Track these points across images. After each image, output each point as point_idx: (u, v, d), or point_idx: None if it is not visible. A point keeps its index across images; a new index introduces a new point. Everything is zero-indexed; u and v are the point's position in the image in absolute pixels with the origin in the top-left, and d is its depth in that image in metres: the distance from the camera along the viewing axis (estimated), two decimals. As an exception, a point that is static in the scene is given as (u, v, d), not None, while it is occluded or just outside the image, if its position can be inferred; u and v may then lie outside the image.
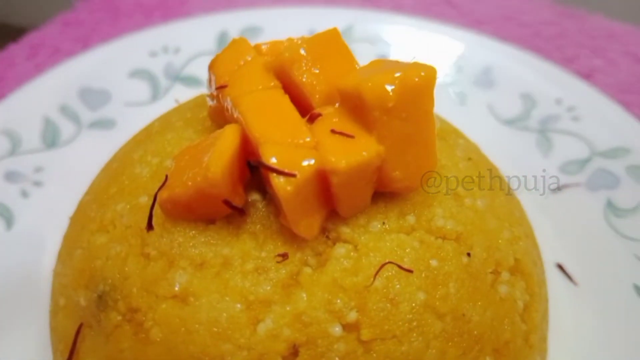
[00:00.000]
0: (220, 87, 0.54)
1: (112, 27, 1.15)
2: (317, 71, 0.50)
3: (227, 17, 1.05)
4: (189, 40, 1.01)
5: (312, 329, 0.45)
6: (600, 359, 0.63)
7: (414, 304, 0.47)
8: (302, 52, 0.50)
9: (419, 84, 0.45)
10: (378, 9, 1.23)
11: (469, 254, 0.50)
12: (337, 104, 0.50)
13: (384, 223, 0.49)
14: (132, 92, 0.94)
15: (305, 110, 0.50)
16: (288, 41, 0.58)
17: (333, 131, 0.46)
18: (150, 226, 0.51)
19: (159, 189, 0.50)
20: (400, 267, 0.47)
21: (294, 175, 0.44)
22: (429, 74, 0.46)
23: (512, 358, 0.51)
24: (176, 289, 0.48)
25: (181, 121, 0.61)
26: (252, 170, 0.50)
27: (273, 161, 0.44)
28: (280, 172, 0.44)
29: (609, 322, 0.66)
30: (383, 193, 0.50)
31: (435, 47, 1.01)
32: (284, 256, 0.48)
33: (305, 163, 0.44)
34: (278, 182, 0.44)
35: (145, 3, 1.25)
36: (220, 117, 0.55)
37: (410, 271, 0.47)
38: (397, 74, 0.45)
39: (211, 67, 0.57)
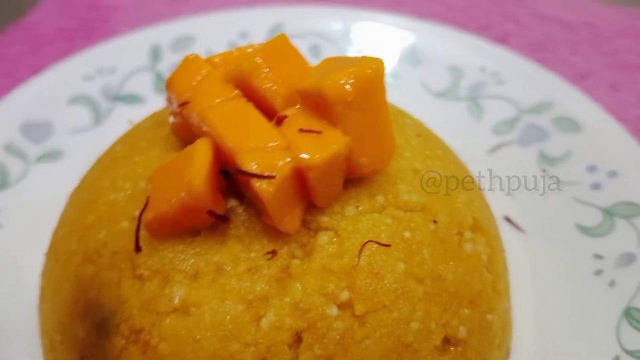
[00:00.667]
0: (183, 104, 0.56)
1: (36, 57, 1.13)
2: (275, 76, 0.54)
3: (157, 31, 1.06)
4: (122, 59, 1.01)
5: (311, 314, 0.49)
6: (555, 293, 0.71)
7: (396, 274, 0.52)
8: (259, 60, 0.54)
9: (371, 75, 0.50)
10: (301, 3, 1.27)
11: (435, 221, 0.56)
12: (298, 105, 0.53)
13: (357, 206, 0.54)
14: (74, 119, 0.94)
15: (269, 114, 0.53)
16: (238, 51, 0.61)
17: (301, 130, 0.50)
18: (138, 248, 0.53)
19: (142, 211, 0.52)
20: (379, 243, 0.52)
21: (273, 177, 0.47)
22: (379, 65, 0.51)
23: (485, 306, 0.57)
24: (176, 302, 0.50)
25: (144, 142, 0.63)
26: (226, 178, 0.53)
27: (253, 167, 0.47)
28: (260, 176, 0.47)
29: (558, 260, 0.74)
30: (351, 179, 0.55)
31: (362, 33, 1.06)
32: (273, 253, 0.51)
33: (281, 163, 0.48)
34: (260, 186, 0.47)
35: (65, 27, 1.22)
36: (185, 133, 0.58)
37: (388, 245, 0.52)
38: (351, 70, 0.49)
39: (169, 86, 0.59)
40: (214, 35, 1.06)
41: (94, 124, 0.95)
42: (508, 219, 0.81)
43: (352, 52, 1.05)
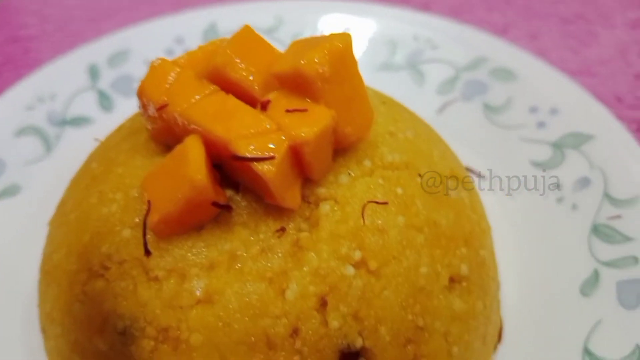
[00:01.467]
0: (161, 108, 0.57)
1: (-36, 95, 1.08)
2: (249, 65, 0.56)
3: (90, 50, 1.04)
4: (61, 83, 0.99)
5: (331, 278, 0.52)
6: (526, 225, 0.78)
7: (398, 228, 0.55)
8: (230, 53, 0.55)
9: (343, 49, 0.53)
10: (228, 2, 1.28)
11: (420, 175, 0.60)
12: (275, 90, 0.56)
13: (349, 174, 0.57)
14: (24, 151, 0.91)
15: (250, 102, 0.55)
16: (201, 50, 0.62)
17: (287, 110, 0.53)
18: (148, 252, 0.53)
19: (146, 215, 0.53)
20: (377, 202, 0.56)
21: (273, 158, 0.50)
22: (347, 39, 0.54)
23: (477, 243, 0.62)
24: (198, 294, 0.52)
25: (122, 154, 0.63)
26: (218, 171, 0.55)
27: (252, 151, 0.50)
28: (260, 159, 0.50)
29: (521, 195, 0.81)
30: (337, 150, 0.58)
31: (295, 22, 1.09)
32: (282, 230, 0.54)
33: (277, 144, 0.50)
34: (262, 168, 0.49)
35: (-13, 61, 1.17)
36: (167, 136, 0.59)
37: (385, 203, 0.56)
38: (324, 47, 0.52)
39: (141, 94, 0.59)
40: (149, 45, 1.06)
41: (46, 152, 0.93)
42: (468, 168, 0.87)
43: (290, 40, 1.07)
